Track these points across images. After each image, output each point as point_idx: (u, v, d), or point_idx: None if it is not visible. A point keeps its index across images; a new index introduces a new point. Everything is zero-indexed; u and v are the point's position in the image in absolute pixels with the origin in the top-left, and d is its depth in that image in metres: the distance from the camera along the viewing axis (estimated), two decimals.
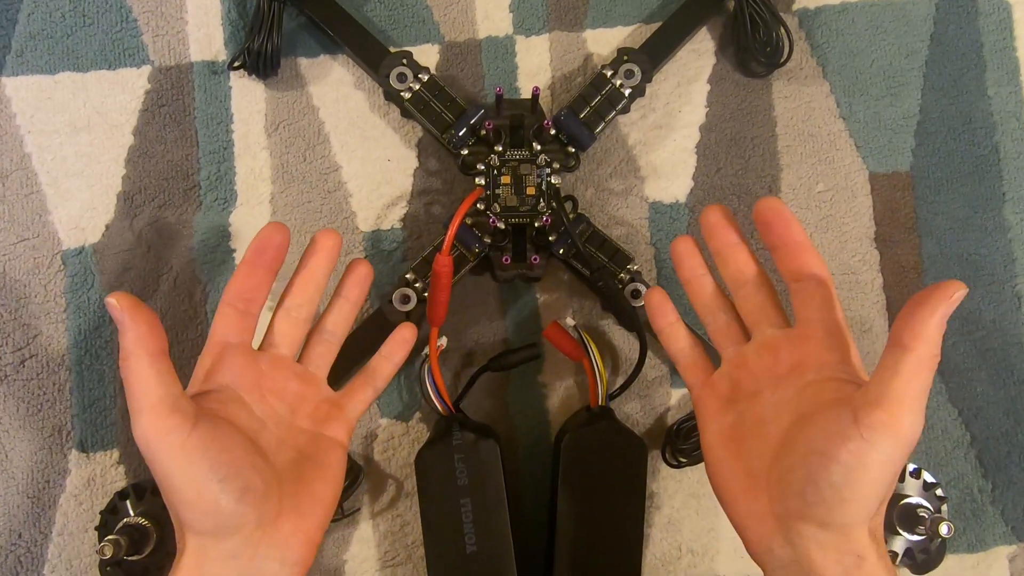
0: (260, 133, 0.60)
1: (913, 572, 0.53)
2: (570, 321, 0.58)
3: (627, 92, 0.56)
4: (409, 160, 0.60)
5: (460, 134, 0.54)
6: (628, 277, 0.56)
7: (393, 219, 0.60)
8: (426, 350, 0.54)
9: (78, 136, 0.60)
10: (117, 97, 0.60)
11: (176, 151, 0.60)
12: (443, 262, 0.51)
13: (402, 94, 0.56)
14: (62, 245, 0.59)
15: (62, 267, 0.59)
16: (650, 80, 0.57)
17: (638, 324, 0.55)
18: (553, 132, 0.55)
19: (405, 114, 0.59)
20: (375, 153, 0.60)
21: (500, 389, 0.59)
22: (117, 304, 0.37)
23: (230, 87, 0.60)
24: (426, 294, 0.54)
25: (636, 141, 0.61)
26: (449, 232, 0.49)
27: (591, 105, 0.56)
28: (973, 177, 0.62)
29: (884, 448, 0.35)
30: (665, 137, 0.61)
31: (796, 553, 0.38)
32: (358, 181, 0.60)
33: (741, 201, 0.60)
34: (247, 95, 0.60)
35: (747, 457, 0.41)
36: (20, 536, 0.57)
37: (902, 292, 0.60)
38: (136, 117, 0.60)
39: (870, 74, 0.62)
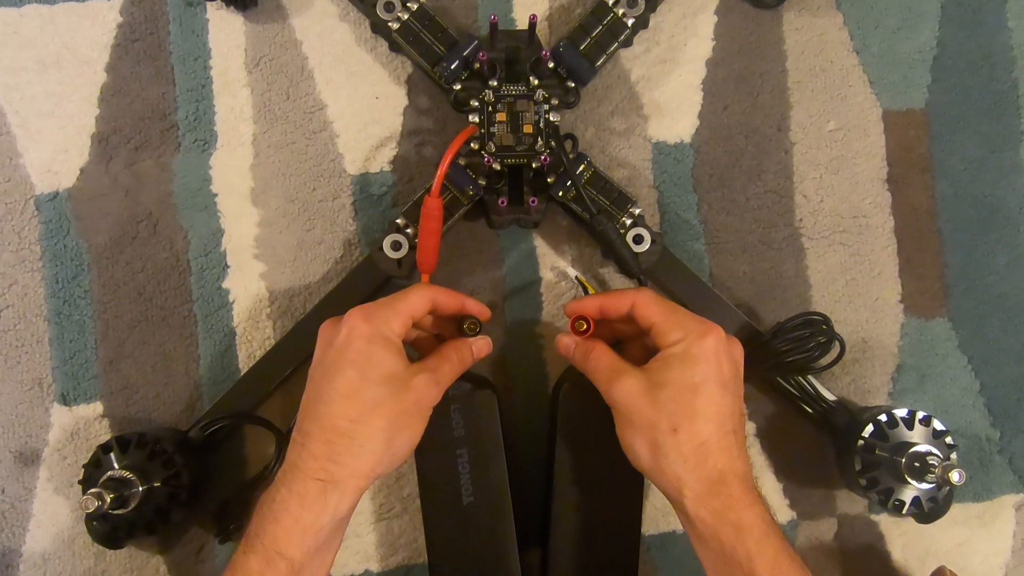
0: (240, 69, 0.57)
1: (919, 521, 0.52)
2: (571, 271, 0.56)
3: (630, 22, 0.53)
4: (398, 97, 0.57)
5: (452, 67, 0.51)
6: (630, 221, 0.53)
7: (382, 161, 0.57)
8: None
9: (47, 73, 0.57)
10: (87, 31, 0.57)
11: (152, 89, 0.57)
12: (432, 204, 0.48)
13: (390, 25, 0.52)
14: (35, 190, 0.56)
15: (36, 213, 0.56)
16: (654, 10, 0.54)
17: (638, 271, 0.53)
18: (551, 65, 0.51)
19: (393, 47, 0.55)
20: (362, 90, 0.57)
21: (497, 340, 0.57)
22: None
23: (207, 20, 0.57)
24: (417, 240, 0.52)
25: (639, 77, 0.58)
26: (439, 172, 0.47)
27: (592, 36, 0.52)
28: (990, 115, 0.59)
29: None
30: (669, 72, 0.58)
31: None
32: (344, 120, 0.57)
33: (749, 141, 0.58)
34: (225, 28, 0.57)
35: None
36: (3, 492, 0.55)
37: (914, 236, 0.58)
38: (108, 53, 0.57)
39: (885, 4, 0.59)
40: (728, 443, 0.42)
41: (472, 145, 0.51)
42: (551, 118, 0.51)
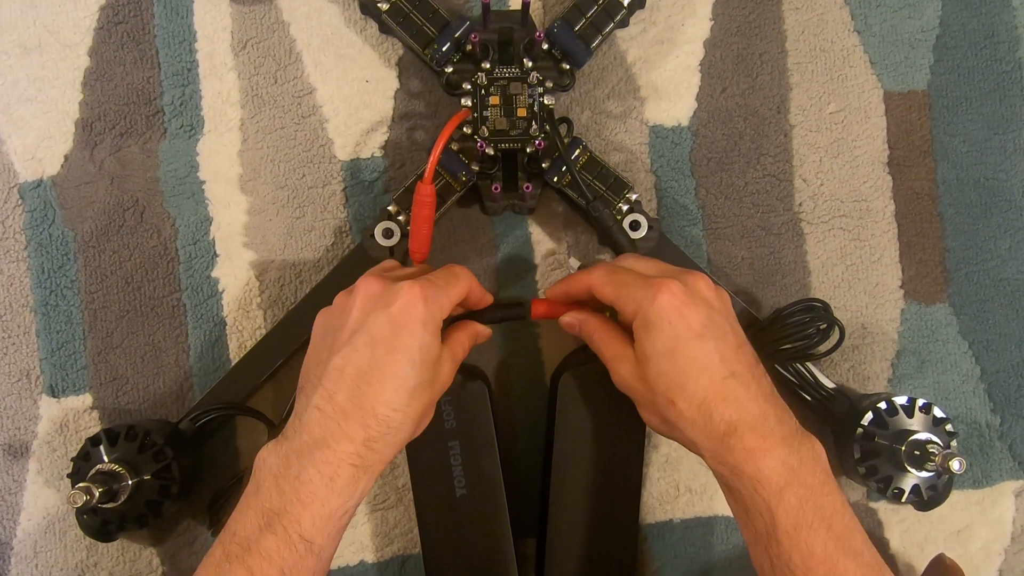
0: (226, 52, 0.55)
1: (918, 509, 0.51)
2: (574, 262, 0.55)
3: (626, 2, 0.51)
4: (389, 81, 0.56)
5: (444, 49, 0.50)
6: (627, 207, 0.52)
7: (373, 146, 0.55)
8: None
9: (29, 58, 0.55)
10: (69, 14, 0.55)
11: (136, 73, 0.55)
12: (425, 191, 0.47)
13: (379, 5, 0.51)
14: (19, 177, 0.55)
15: (20, 201, 0.55)
16: None
17: None
18: (546, 47, 0.50)
19: (383, 29, 0.54)
20: (352, 73, 0.55)
21: (492, 328, 0.56)
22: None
23: (191, 1, 0.55)
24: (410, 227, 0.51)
25: (635, 58, 0.56)
26: (431, 158, 0.45)
27: (587, 17, 0.51)
28: (994, 96, 0.58)
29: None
30: (667, 54, 0.56)
31: None
32: (334, 105, 0.55)
33: (748, 124, 0.56)
34: (211, 10, 0.55)
35: None
36: None
37: (915, 220, 0.57)
38: (91, 36, 0.55)
39: None
40: (729, 391, 0.40)
41: (465, 129, 0.50)
42: (545, 101, 0.50)
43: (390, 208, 0.51)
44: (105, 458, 0.49)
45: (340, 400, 0.39)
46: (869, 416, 0.51)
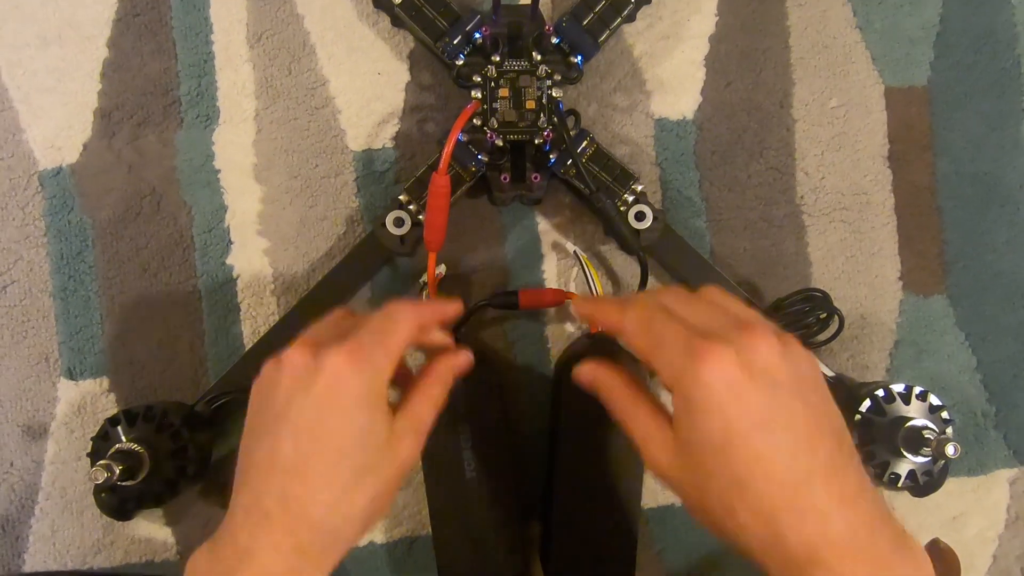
0: (242, 44, 0.56)
1: (914, 495, 0.53)
2: (570, 246, 0.57)
3: None
4: (401, 73, 0.57)
5: (455, 43, 0.51)
6: (632, 198, 0.53)
7: (385, 137, 0.57)
8: (424, 277, 0.52)
9: (49, 49, 0.56)
10: (89, 6, 0.56)
11: (154, 64, 0.56)
12: (440, 182, 0.48)
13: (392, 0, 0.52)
14: (38, 165, 0.56)
15: (40, 189, 0.56)
16: None
17: (638, 248, 0.53)
18: (554, 41, 0.51)
19: (396, 22, 0.55)
20: (364, 66, 0.57)
21: (498, 317, 0.57)
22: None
23: None
24: (421, 217, 0.52)
25: (642, 53, 0.57)
26: (446, 148, 0.47)
27: (595, 11, 0.52)
28: (992, 92, 0.59)
29: None
30: (672, 48, 0.57)
31: None
32: (347, 96, 0.57)
33: (751, 118, 0.58)
34: (226, 3, 0.56)
35: None
36: (12, 465, 0.56)
37: (914, 213, 0.58)
38: (110, 28, 0.56)
39: None
40: (804, 500, 0.31)
41: (475, 121, 0.51)
42: (554, 94, 0.51)
43: (401, 198, 0.52)
44: (123, 438, 0.50)
45: (266, 502, 0.34)
46: (867, 403, 0.52)
